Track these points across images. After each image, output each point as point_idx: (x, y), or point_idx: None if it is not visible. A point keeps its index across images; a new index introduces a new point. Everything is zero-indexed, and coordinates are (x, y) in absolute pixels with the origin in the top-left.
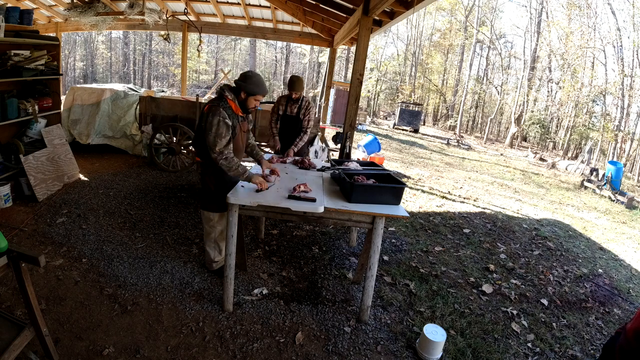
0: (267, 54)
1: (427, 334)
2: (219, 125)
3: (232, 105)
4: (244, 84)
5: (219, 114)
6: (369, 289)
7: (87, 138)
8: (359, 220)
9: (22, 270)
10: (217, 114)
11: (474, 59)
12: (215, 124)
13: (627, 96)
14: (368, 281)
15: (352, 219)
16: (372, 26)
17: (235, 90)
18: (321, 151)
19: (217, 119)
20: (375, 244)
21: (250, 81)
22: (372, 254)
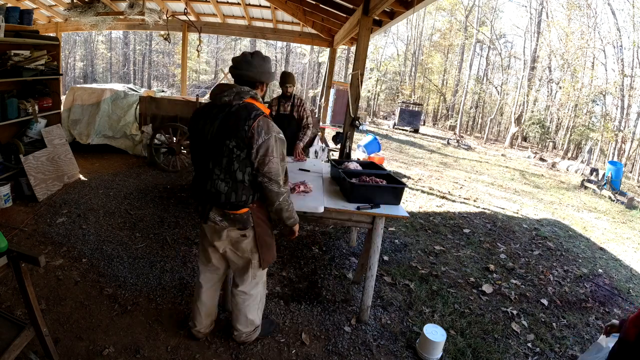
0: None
1: (427, 334)
2: (277, 146)
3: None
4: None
5: (273, 128)
6: (369, 289)
7: (87, 138)
8: (359, 220)
9: (22, 270)
10: (272, 130)
11: (474, 59)
12: (274, 145)
13: (627, 96)
14: (368, 281)
15: (352, 219)
16: (372, 26)
17: (253, 84)
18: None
19: (275, 136)
20: (375, 244)
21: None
22: (372, 254)
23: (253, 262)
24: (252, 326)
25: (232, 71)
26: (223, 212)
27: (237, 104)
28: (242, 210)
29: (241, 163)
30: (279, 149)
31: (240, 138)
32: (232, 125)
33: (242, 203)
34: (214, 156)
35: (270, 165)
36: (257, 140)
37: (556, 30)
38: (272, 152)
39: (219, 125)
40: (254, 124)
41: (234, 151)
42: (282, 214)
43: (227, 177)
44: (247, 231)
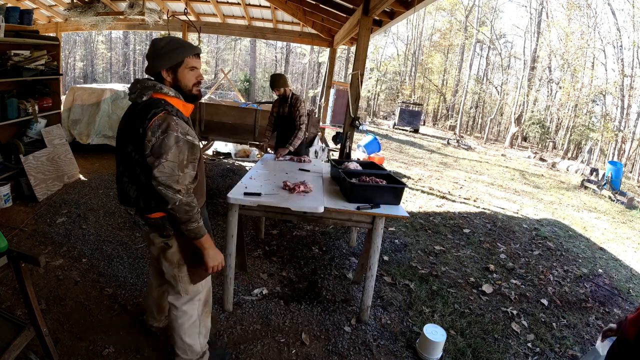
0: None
1: (427, 334)
2: (177, 147)
3: (179, 105)
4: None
5: (174, 127)
6: (369, 289)
7: (87, 138)
8: (359, 220)
9: (22, 270)
10: (172, 129)
11: (474, 59)
12: (172, 146)
13: (627, 96)
14: (368, 281)
15: (352, 219)
16: (372, 26)
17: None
18: (321, 151)
19: (175, 136)
20: (375, 244)
21: (166, 43)
22: (372, 254)
23: (180, 276)
24: (192, 354)
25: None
26: (142, 216)
27: (141, 102)
28: (156, 215)
29: (141, 167)
30: (179, 151)
31: (136, 141)
32: (131, 126)
33: (154, 207)
34: (121, 159)
35: (160, 168)
36: (150, 140)
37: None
38: (164, 153)
39: (124, 127)
40: (149, 124)
41: (133, 155)
42: (180, 223)
43: (133, 180)
44: (169, 240)
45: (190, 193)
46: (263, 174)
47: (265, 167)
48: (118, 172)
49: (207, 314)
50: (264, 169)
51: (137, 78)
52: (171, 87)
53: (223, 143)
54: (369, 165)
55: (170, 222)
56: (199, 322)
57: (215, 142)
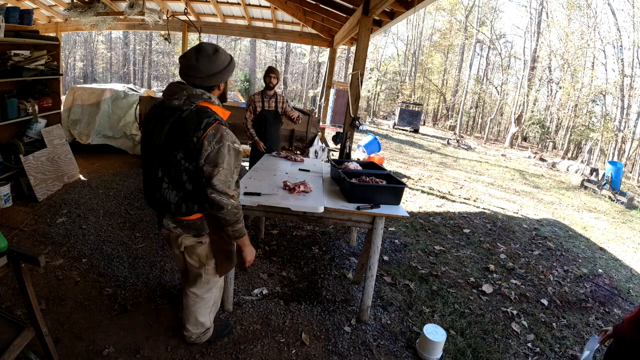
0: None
1: (427, 334)
2: (230, 156)
3: (221, 113)
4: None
5: (227, 137)
6: (369, 289)
7: (87, 138)
8: (359, 220)
9: (22, 270)
10: (226, 138)
11: (474, 59)
12: (226, 156)
13: (627, 96)
14: (368, 281)
15: (352, 219)
16: (372, 26)
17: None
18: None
19: (228, 145)
20: (375, 244)
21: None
22: (372, 254)
23: (207, 268)
24: (202, 328)
25: (182, 77)
26: (175, 219)
27: (187, 109)
28: (196, 216)
29: (190, 174)
30: (231, 159)
31: (189, 149)
32: (180, 134)
33: (195, 211)
34: (163, 165)
35: (219, 177)
36: (207, 150)
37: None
38: (221, 162)
39: (168, 132)
40: (204, 134)
41: (182, 163)
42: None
43: (176, 186)
44: (202, 238)
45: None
46: (263, 174)
47: (265, 167)
48: (153, 178)
49: (220, 297)
50: (264, 169)
51: (179, 83)
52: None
53: None
54: (369, 165)
55: (207, 222)
56: (212, 303)
57: None
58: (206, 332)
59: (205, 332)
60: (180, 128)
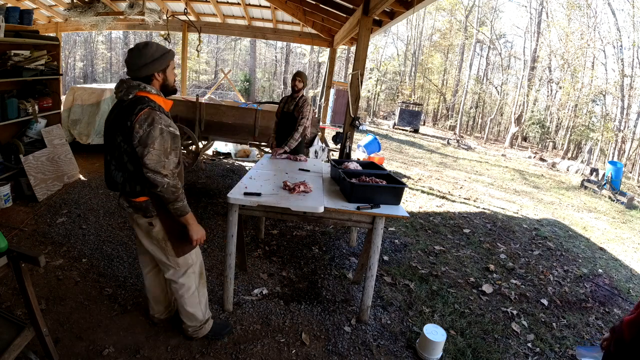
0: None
1: (427, 334)
2: (162, 138)
3: (161, 102)
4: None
5: (158, 121)
6: (369, 289)
7: (87, 138)
8: (359, 220)
9: (22, 270)
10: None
11: (474, 59)
12: (157, 137)
13: (627, 96)
14: (368, 281)
15: (352, 219)
16: (372, 26)
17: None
18: (321, 151)
19: (159, 128)
20: (375, 244)
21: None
22: (372, 254)
23: (167, 249)
24: (195, 321)
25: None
26: (126, 198)
27: (127, 99)
28: (141, 199)
29: (129, 156)
30: (163, 141)
31: (125, 133)
32: (120, 119)
33: (139, 192)
34: (109, 149)
35: (149, 156)
36: (138, 132)
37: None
38: (151, 143)
39: (112, 120)
40: (136, 118)
41: (122, 145)
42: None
43: (120, 168)
44: (152, 219)
45: (175, 177)
46: (263, 174)
47: (265, 167)
48: (106, 161)
49: (202, 285)
50: (264, 169)
51: (122, 78)
52: (160, 86)
53: (223, 143)
54: (369, 165)
55: (153, 204)
56: (197, 292)
57: (215, 142)
58: (202, 327)
59: (201, 326)
60: (120, 115)
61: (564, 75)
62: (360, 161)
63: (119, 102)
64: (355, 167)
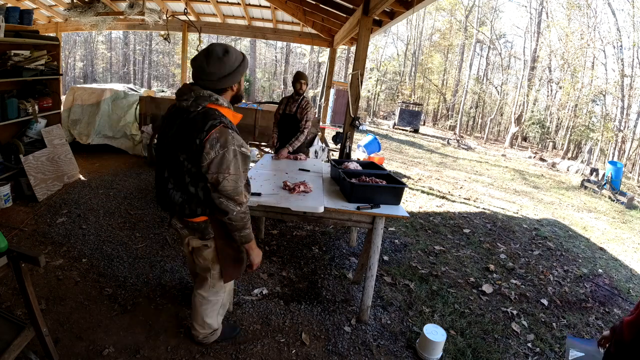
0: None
1: (427, 334)
2: (236, 161)
3: (230, 116)
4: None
5: (232, 141)
6: (369, 289)
7: (87, 138)
8: (359, 220)
9: (22, 270)
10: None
11: (474, 59)
12: (231, 160)
13: (627, 96)
14: (368, 281)
15: (352, 219)
16: (372, 26)
17: (219, 90)
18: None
19: (233, 150)
20: (375, 244)
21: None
22: (372, 254)
23: (213, 273)
24: (209, 329)
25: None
26: (182, 220)
27: (194, 111)
28: (200, 219)
29: (193, 177)
30: (238, 163)
31: (191, 151)
32: (185, 135)
33: (199, 214)
34: (169, 165)
35: (225, 183)
36: (210, 154)
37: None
38: (227, 168)
39: (174, 133)
40: (207, 136)
41: (185, 164)
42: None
43: (180, 188)
44: (207, 241)
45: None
46: (263, 174)
47: (265, 167)
48: (161, 177)
49: (228, 299)
50: (264, 169)
51: (189, 84)
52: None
53: None
54: (369, 165)
55: (212, 225)
56: (219, 305)
57: None
58: (214, 333)
59: (213, 333)
60: (185, 129)
61: (564, 75)
62: (360, 161)
63: (182, 111)
64: (355, 167)
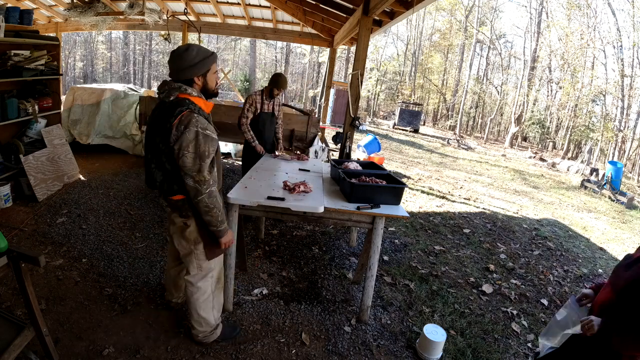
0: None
1: (427, 334)
2: (197, 141)
3: (201, 104)
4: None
5: (194, 123)
6: (369, 289)
7: (87, 138)
8: (359, 220)
9: (22, 270)
10: (193, 124)
11: (474, 59)
12: (192, 140)
13: (627, 96)
14: (368, 281)
15: (352, 219)
16: (372, 26)
17: (188, 81)
18: (321, 151)
19: (195, 131)
20: (375, 244)
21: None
22: (372, 254)
23: (196, 252)
24: (207, 326)
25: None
26: (166, 198)
27: (168, 101)
28: (177, 197)
29: (167, 156)
30: (199, 144)
31: (164, 133)
32: (160, 120)
33: (176, 191)
34: (150, 148)
35: (185, 159)
36: (175, 134)
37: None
38: (186, 146)
39: (152, 121)
40: (175, 120)
41: (160, 146)
42: (202, 216)
43: (159, 167)
44: (188, 220)
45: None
46: (263, 174)
47: (265, 167)
48: (146, 159)
49: (219, 290)
50: (264, 169)
51: (165, 80)
52: (200, 89)
53: (223, 143)
54: (369, 165)
55: (189, 204)
56: (212, 297)
57: None
58: (213, 332)
59: (212, 332)
60: (160, 116)
61: (564, 75)
62: (360, 161)
63: (161, 103)
64: (355, 167)
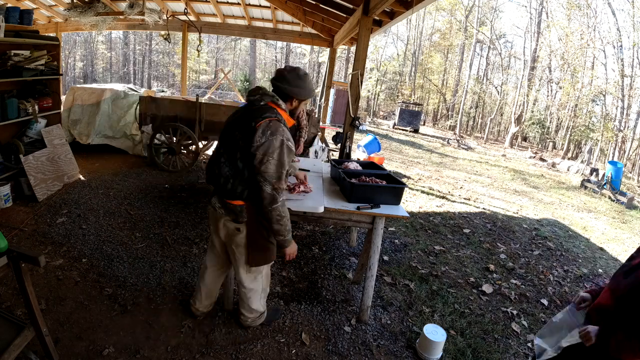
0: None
1: (427, 334)
2: (282, 150)
3: (285, 118)
4: (299, 89)
5: (282, 132)
6: (369, 289)
7: (87, 138)
8: (359, 220)
9: (22, 270)
10: (280, 133)
11: (474, 59)
12: (277, 148)
13: (627, 96)
14: (368, 281)
15: (352, 219)
16: (372, 26)
17: (284, 96)
18: (321, 151)
19: (281, 140)
20: (375, 244)
21: (306, 83)
22: (372, 254)
23: (243, 258)
24: (256, 313)
25: (272, 82)
26: (221, 199)
27: (258, 104)
28: (237, 202)
29: (242, 153)
30: (283, 153)
31: (245, 131)
32: (244, 119)
33: (238, 194)
34: (225, 141)
35: (268, 165)
36: (260, 137)
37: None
38: (272, 153)
39: (238, 117)
40: (261, 122)
41: (238, 140)
42: (272, 225)
43: (230, 162)
44: (240, 225)
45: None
46: None
47: None
48: (217, 153)
49: (267, 284)
50: None
51: (259, 86)
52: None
53: None
54: (369, 165)
55: (247, 210)
56: (261, 290)
57: (215, 142)
58: (260, 316)
59: (260, 316)
60: (246, 115)
61: (564, 75)
62: (360, 161)
63: (248, 104)
64: (355, 167)
